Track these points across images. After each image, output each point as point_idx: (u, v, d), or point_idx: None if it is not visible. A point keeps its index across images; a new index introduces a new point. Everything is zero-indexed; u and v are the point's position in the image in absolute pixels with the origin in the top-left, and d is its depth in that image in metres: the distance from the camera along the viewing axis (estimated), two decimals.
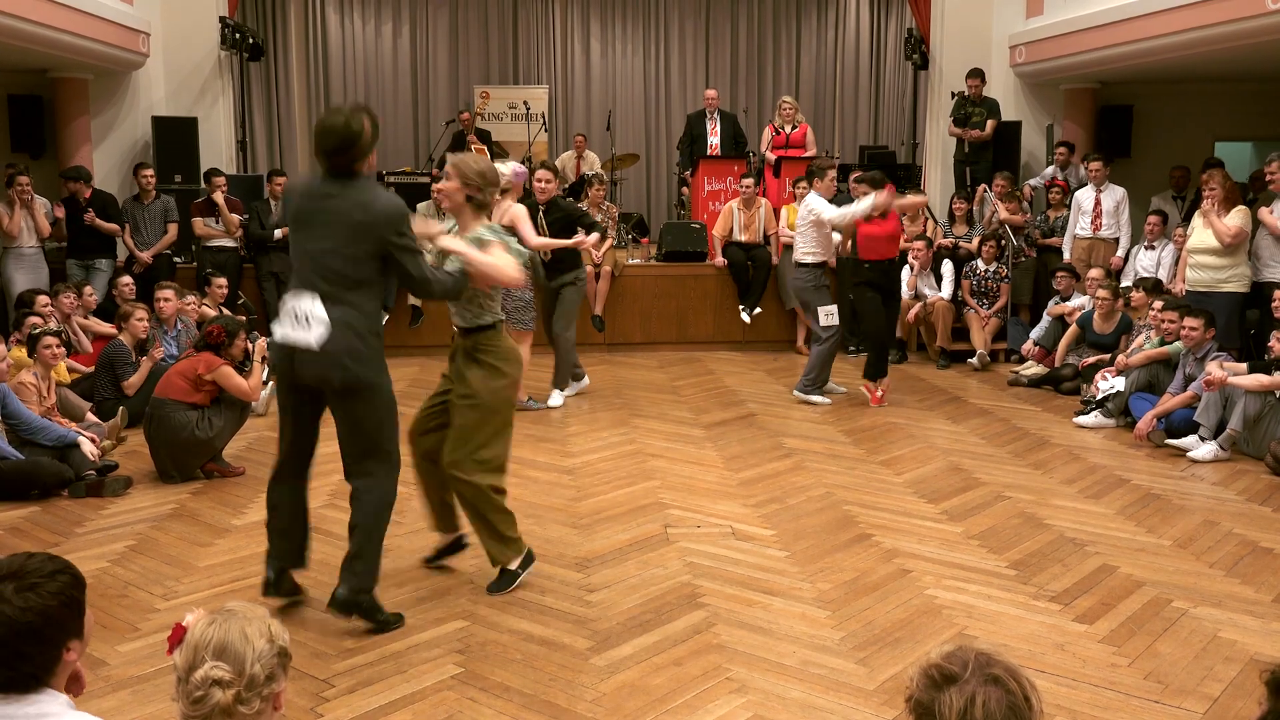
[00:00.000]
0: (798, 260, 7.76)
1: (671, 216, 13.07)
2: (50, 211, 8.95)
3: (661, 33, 14.81)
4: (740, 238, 9.82)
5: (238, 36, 10.50)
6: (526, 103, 12.90)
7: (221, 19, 10.46)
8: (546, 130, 12.98)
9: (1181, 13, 8.50)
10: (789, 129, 10.58)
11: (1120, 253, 9.22)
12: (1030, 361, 8.60)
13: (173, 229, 9.34)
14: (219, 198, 9.35)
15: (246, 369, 6.17)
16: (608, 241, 9.86)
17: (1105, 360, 7.63)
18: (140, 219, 9.25)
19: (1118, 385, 7.04)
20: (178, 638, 1.92)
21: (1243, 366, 6.38)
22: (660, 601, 4.00)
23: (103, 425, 6.28)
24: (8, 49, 8.41)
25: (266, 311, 9.14)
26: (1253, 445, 6.11)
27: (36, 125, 10.11)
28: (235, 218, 9.40)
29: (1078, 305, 8.53)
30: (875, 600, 4.02)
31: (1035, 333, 8.74)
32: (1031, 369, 8.51)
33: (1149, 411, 6.62)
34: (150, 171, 9.35)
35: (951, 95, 10.77)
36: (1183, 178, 10.05)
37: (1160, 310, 7.06)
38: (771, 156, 10.57)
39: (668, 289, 10.13)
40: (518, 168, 6.84)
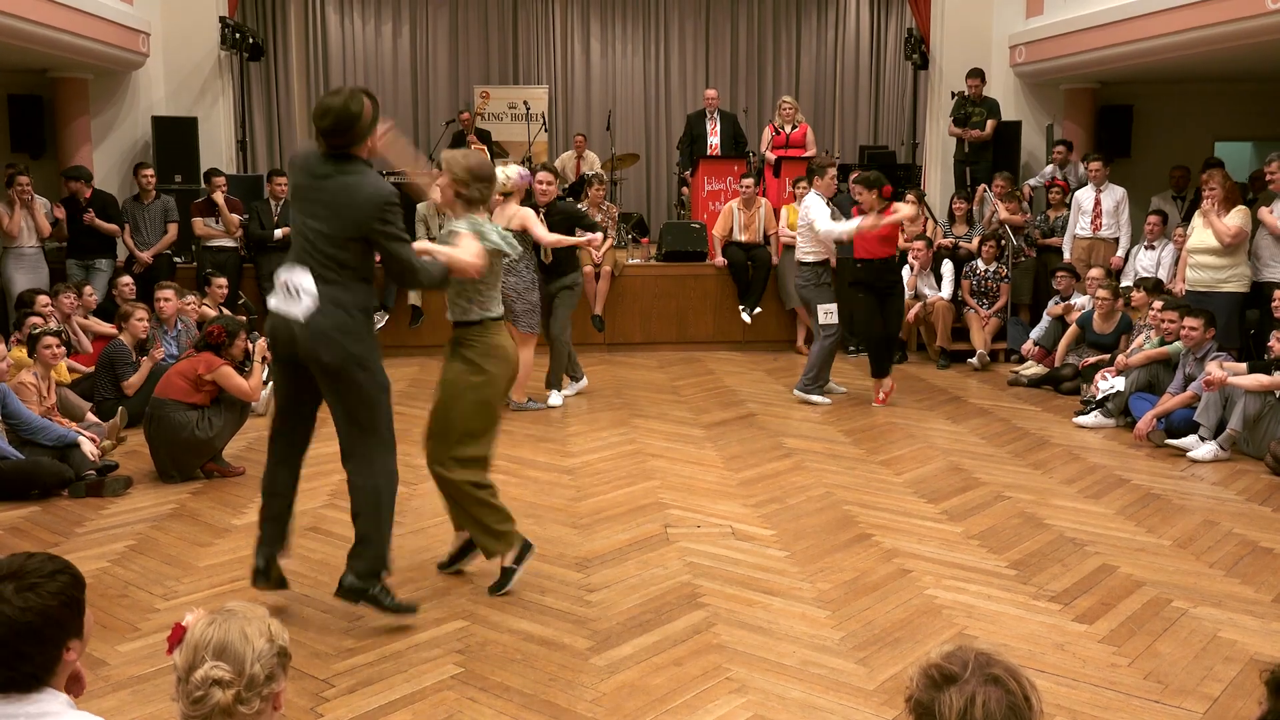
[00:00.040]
0: (800, 259, 7.77)
1: (671, 216, 13.07)
2: (50, 211, 8.96)
3: (661, 33, 14.81)
4: (740, 238, 9.82)
5: (238, 36, 10.50)
6: (526, 103, 12.90)
7: (221, 19, 10.47)
8: (546, 130, 12.98)
9: (1181, 13, 8.51)
10: (789, 129, 10.58)
11: (1120, 253, 9.23)
12: (1030, 361, 8.60)
13: (173, 229, 9.34)
14: (219, 198, 9.35)
15: (247, 369, 6.17)
16: (608, 241, 9.87)
17: (1105, 360, 7.63)
18: (140, 219, 9.25)
19: (1118, 385, 7.04)
20: (177, 638, 1.92)
21: (1242, 366, 6.38)
22: (660, 601, 3.99)
23: (103, 425, 6.28)
24: (8, 49, 8.41)
25: (267, 312, 9.13)
26: (1253, 445, 6.11)
27: (36, 125, 10.11)
28: (235, 218, 9.40)
29: (1078, 305, 8.53)
30: (875, 600, 4.02)
31: (1035, 333, 8.74)
32: (1031, 369, 8.51)
33: (1149, 411, 6.62)
34: (150, 171, 9.35)
35: (951, 95, 10.78)
36: (1183, 178, 10.05)
37: (1160, 310, 7.06)
38: (771, 156, 10.57)
39: (668, 289, 10.13)
40: (523, 171, 6.85)
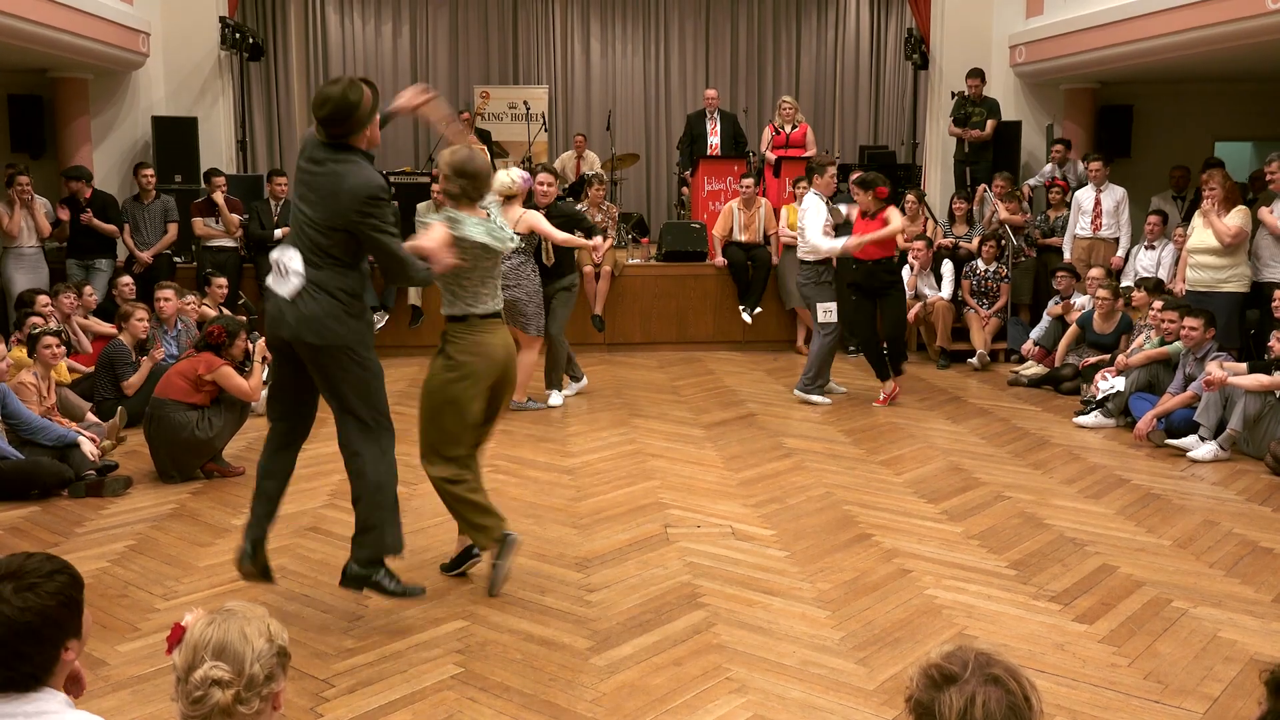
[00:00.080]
0: (801, 258, 7.78)
1: (671, 216, 13.07)
2: (52, 212, 8.96)
3: (661, 33, 14.81)
4: (740, 238, 9.82)
5: (238, 36, 10.50)
6: (526, 103, 12.89)
7: (221, 19, 10.47)
8: (546, 130, 12.98)
9: (1181, 13, 8.51)
10: (789, 129, 10.58)
11: (1120, 253, 9.23)
12: (1030, 361, 8.60)
13: (173, 229, 9.34)
14: (219, 198, 9.35)
15: (247, 369, 6.17)
16: (608, 241, 9.87)
17: (1105, 360, 7.63)
18: (140, 219, 9.25)
19: (1118, 385, 7.04)
20: (177, 638, 1.92)
21: (1242, 366, 6.38)
22: (660, 601, 3.99)
23: (102, 425, 6.28)
24: (8, 49, 8.41)
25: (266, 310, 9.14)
26: (1253, 445, 6.11)
27: (36, 125, 10.11)
28: (235, 218, 9.40)
29: (1077, 305, 8.53)
30: (875, 600, 4.02)
31: (1035, 333, 8.74)
32: (1031, 369, 8.51)
33: (1149, 411, 6.62)
34: (150, 171, 9.35)
35: (951, 95, 10.78)
36: (1183, 178, 10.05)
37: (1160, 310, 7.06)
38: (771, 156, 10.57)
39: (668, 289, 10.13)
40: (525, 174, 6.88)
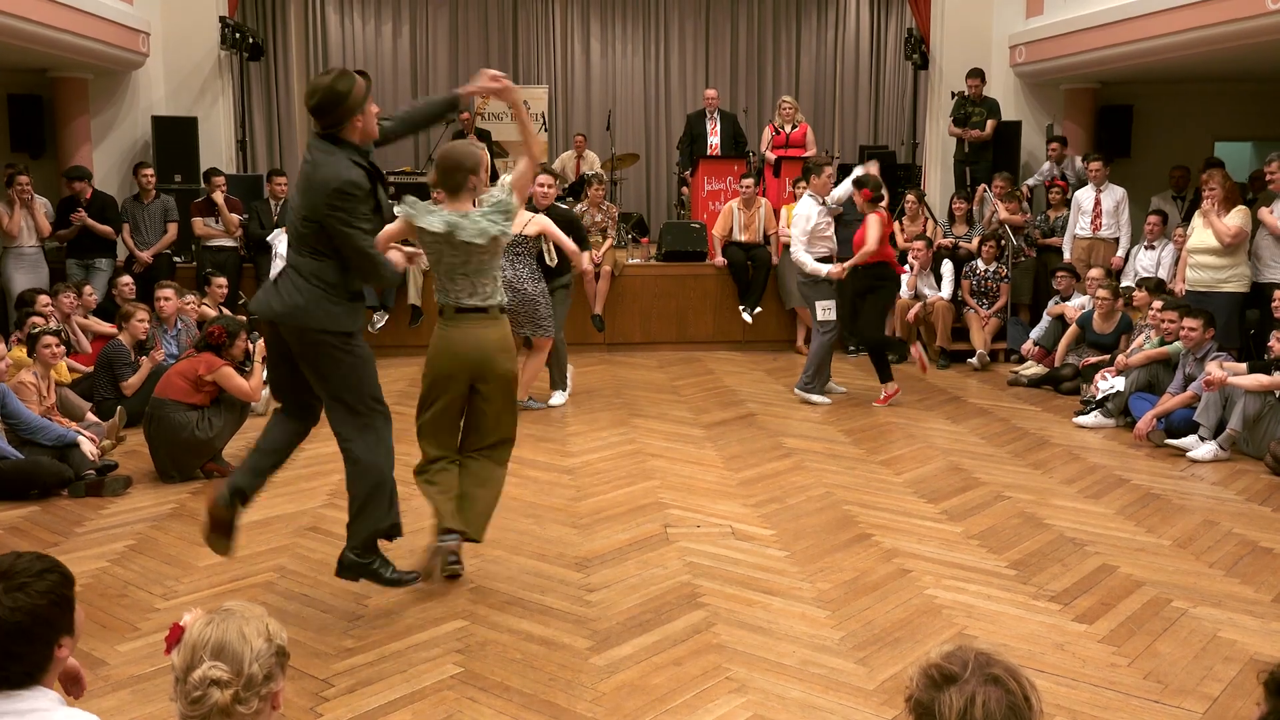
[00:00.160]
0: None
1: (671, 216, 13.06)
2: (52, 212, 8.97)
3: (661, 33, 14.80)
4: (740, 238, 9.82)
5: (238, 36, 10.50)
6: (526, 103, 12.74)
7: (221, 19, 10.46)
8: (546, 130, 12.98)
9: (1181, 13, 8.51)
10: (789, 129, 10.58)
11: (1120, 253, 9.23)
12: (1030, 361, 8.60)
13: (172, 229, 9.34)
14: (218, 197, 9.35)
15: (247, 369, 6.17)
16: (608, 241, 9.87)
17: (1105, 360, 7.63)
18: (140, 219, 9.25)
19: (1117, 385, 7.04)
20: (175, 638, 1.92)
21: (1242, 366, 6.38)
22: (660, 601, 3.99)
23: (102, 425, 6.28)
24: (8, 49, 8.41)
25: None
26: (1252, 445, 6.11)
27: (36, 125, 10.11)
28: (235, 217, 9.41)
29: (1076, 305, 8.53)
30: (875, 600, 4.02)
31: (1035, 333, 8.74)
32: (1031, 369, 8.51)
33: (1149, 411, 6.62)
34: (150, 171, 9.35)
35: (951, 95, 10.78)
36: (1183, 178, 10.05)
37: (1160, 310, 7.06)
38: (771, 156, 10.57)
39: (668, 289, 10.13)
40: None
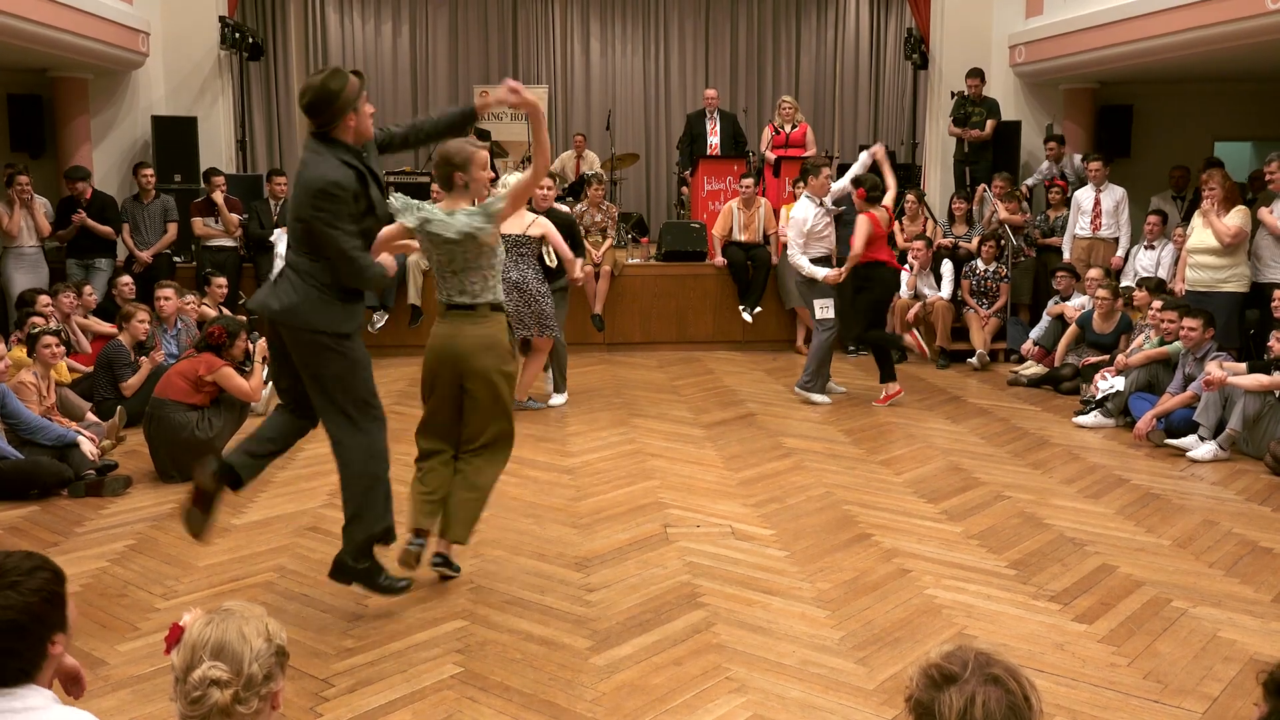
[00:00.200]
0: None
1: (671, 216, 13.06)
2: (52, 212, 8.98)
3: (661, 33, 14.80)
4: (740, 237, 9.82)
5: (237, 36, 10.50)
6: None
7: (221, 18, 10.46)
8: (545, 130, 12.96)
9: (1181, 13, 8.51)
10: (789, 128, 10.58)
11: (1120, 253, 9.23)
12: (1030, 361, 8.60)
13: (172, 228, 9.35)
14: (218, 197, 9.36)
15: (247, 369, 6.17)
16: (608, 241, 9.88)
17: (1105, 360, 7.63)
18: (140, 218, 9.26)
19: (1117, 385, 7.04)
20: (175, 638, 1.92)
21: (1242, 366, 6.38)
22: (660, 601, 3.99)
23: (102, 425, 6.28)
24: (8, 49, 8.41)
25: None
26: (1252, 445, 6.11)
27: (36, 125, 10.11)
28: (234, 217, 9.41)
29: (1075, 306, 8.53)
30: (875, 600, 4.02)
31: (1035, 332, 8.74)
32: (1031, 369, 8.51)
33: (1148, 411, 6.62)
34: (150, 171, 9.36)
35: (951, 95, 10.78)
36: (1182, 178, 10.05)
37: (1159, 310, 7.06)
38: (771, 156, 10.57)
39: (667, 289, 10.13)
40: None
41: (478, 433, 4.13)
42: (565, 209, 8.81)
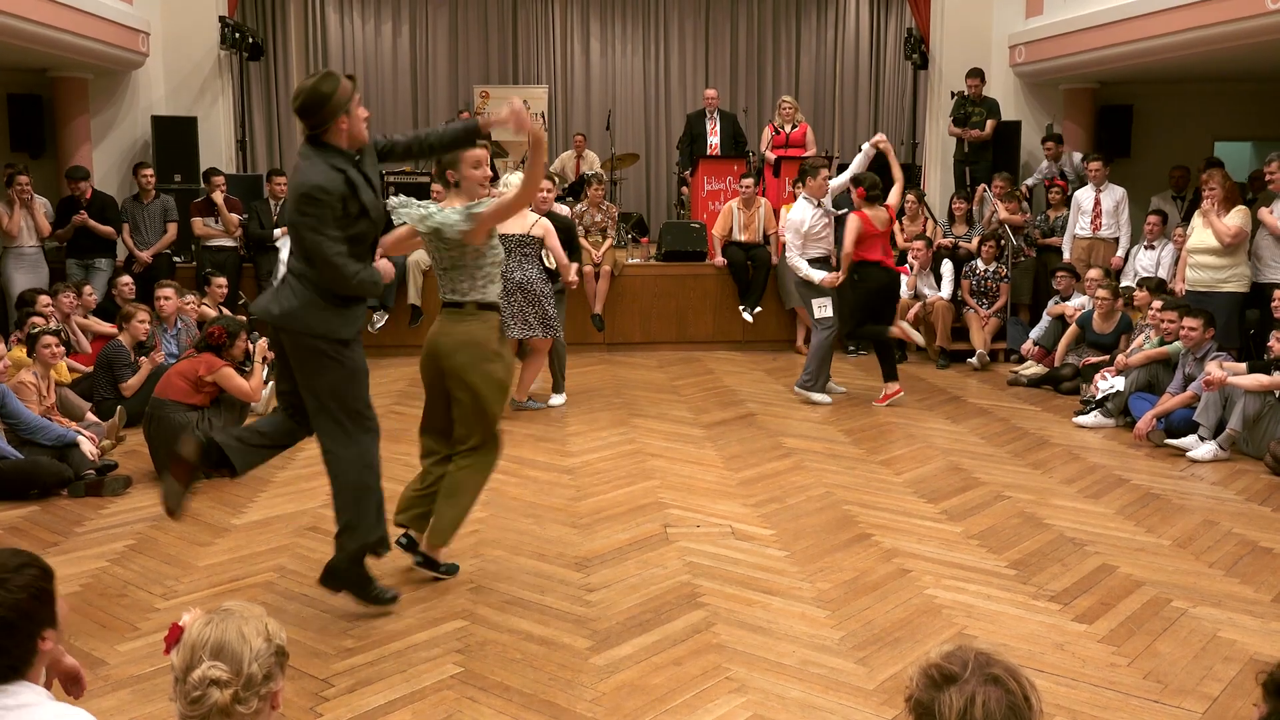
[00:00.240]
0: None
1: (671, 216, 13.07)
2: (52, 212, 8.98)
3: (661, 33, 14.81)
4: (740, 237, 9.83)
5: (237, 36, 10.50)
6: (526, 102, 12.72)
7: (221, 18, 10.47)
8: (546, 130, 12.97)
9: (1181, 13, 8.51)
10: (789, 128, 10.58)
11: (1120, 253, 9.23)
12: (1030, 361, 8.60)
13: (172, 228, 9.35)
14: (218, 197, 9.36)
15: (247, 369, 6.17)
16: (608, 241, 9.88)
17: (1105, 360, 7.63)
18: (140, 218, 9.26)
19: (1117, 385, 7.04)
20: (174, 638, 1.92)
21: (1242, 366, 6.38)
22: (660, 601, 3.99)
23: (102, 425, 6.28)
24: (8, 49, 8.41)
25: None
26: (1252, 445, 6.11)
27: (36, 125, 10.12)
28: (234, 217, 9.41)
29: (1075, 306, 8.53)
30: (875, 600, 4.02)
31: (1035, 332, 8.74)
32: (1031, 369, 8.51)
33: (1148, 411, 6.62)
34: (150, 171, 9.36)
35: (951, 95, 10.78)
36: (1182, 178, 10.06)
37: (1159, 310, 7.06)
38: (771, 156, 10.57)
39: (667, 289, 10.13)
40: None
41: (465, 435, 4.14)
42: (566, 210, 8.83)
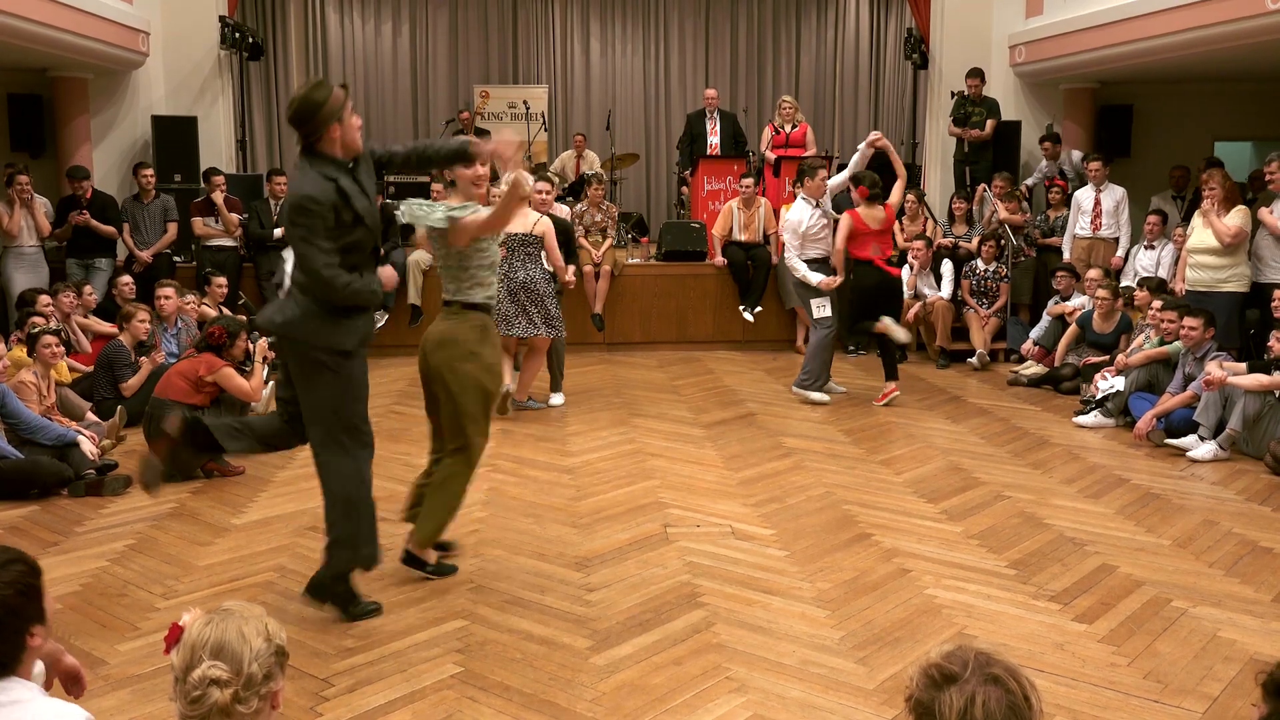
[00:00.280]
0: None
1: (671, 216, 13.06)
2: (52, 211, 8.98)
3: (661, 33, 14.80)
4: (740, 237, 9.82)
5: (237, 36, 10.50)
6: (526, 102, 12.90)
7: (221, 18, 10.47)
8: (546, 130, 12.99)
9: (1181, 13, 8.51)
10: (789, 128, 10.58)
11: (1120, 252, 9.23)
12: (1030, 361, 8.60)
13: (172, 228, 9.35)
14: (218, 197, 9.36)
15: (247, 369, 6.17)
16: (608, 241, 9.88)
17: (1105, 360, 7.63)
18: (140, 218, 9.26)
19: (1117, 385, 7.04)
20: (174, 638, 1.92)
21: (1242, 366, 6.39)
22: (660, 601, 3.99)
23: (102, 425, 6.28)
24: (8, 48, 8.41)
25: None
26: (1252, 445, 6.11)
27: (36, 124, 10.11)
28: (234, 217, 9.41)
29: (1075, 306, 8.53)
30: (875, 600, 4.02)
31: (1035, 332, 8.74)
32: (1031, 369, 8.51)
33: (1148, 411, 6.62)
34: (150, 171, 9.36)
35: (951, 95, 10.78)
36: (1182, 177, 10.06)
37: (1160, 310, 7.06)
38: (771, 156, 10.57)
39: (667, 288, 10.13)
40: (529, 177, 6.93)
41: (448, 436, 4.18)
42: (565, 210, 8.83)
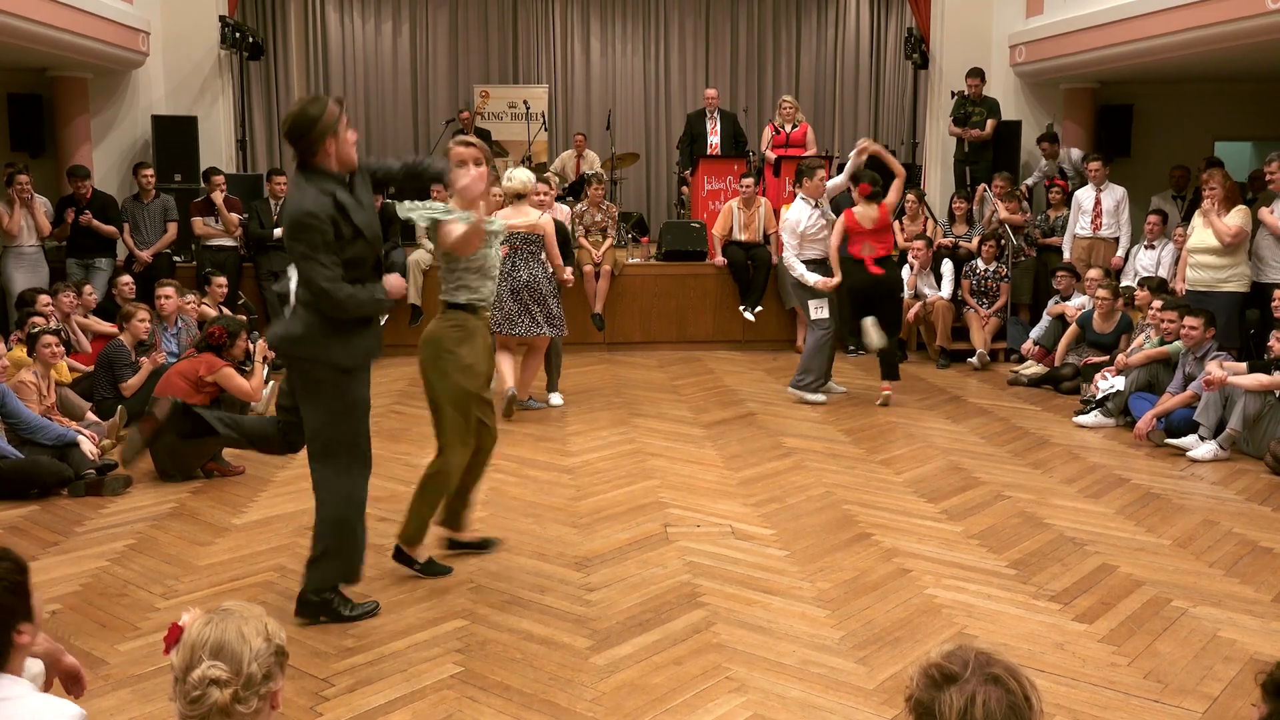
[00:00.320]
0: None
1: (671, 216, 13.07)
2: (51, 211, 8.98)
3: (661, 32, 14.81)
4: (740, 237, 9.82)
5: (237, 35, 10.50)
6: (526, 102, 12.90)
7: (221, 18, 10.46)
8: (546, 130, 12.99)
9: (1181, 13, 8.51)
10: (789, 128, 10.58)
11: (1120, 252, 9.23)
12: (1030, 361, 8.60)
13: (172, 228, 9.35)
14: (218, 197, 9.36)
15: (248, 369, 6.17)
16: (608, 240, 9.88)
17: (1105, 360, 7.63)
18: (140, 218, 9.26)
19: (1117, 385, 7.04)
20: (174, 637, 1.92)
21: (1242, 366, 6.39)
22: (660, 601, 3.99)
23: (102, 424, 6.28)
24: (8, 48, 8.41)
25: (267, 311, 9.17)
26: (1252, 445, 6.11)
27: (36, 124, 10.11)
28: (234, 217, 9.41)
29: (1078, 305, 8.53)
30: (875, 599, 4.01)
31: (1035, 332, 8.73)
32: (1031, 368, 8.50)
33: (1149, 411, 6.62)
34: (150, 171, 9.36)
35: (951, 95, 10.78)
36: (1182, 177, 10.06)
37: (1160, 310, 7.06)
38: (771, 156, 10.56)
39: (668, 288, 10.13)
40: (532, 176, 6.97)
41: (435, 432, 4.22)
42: (565, 209, 8.84)
